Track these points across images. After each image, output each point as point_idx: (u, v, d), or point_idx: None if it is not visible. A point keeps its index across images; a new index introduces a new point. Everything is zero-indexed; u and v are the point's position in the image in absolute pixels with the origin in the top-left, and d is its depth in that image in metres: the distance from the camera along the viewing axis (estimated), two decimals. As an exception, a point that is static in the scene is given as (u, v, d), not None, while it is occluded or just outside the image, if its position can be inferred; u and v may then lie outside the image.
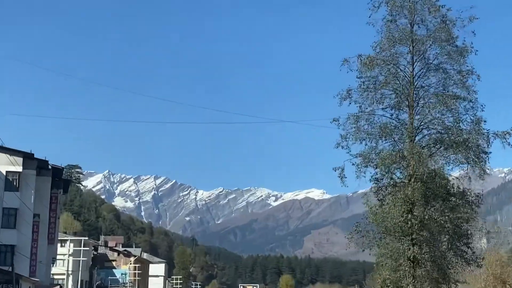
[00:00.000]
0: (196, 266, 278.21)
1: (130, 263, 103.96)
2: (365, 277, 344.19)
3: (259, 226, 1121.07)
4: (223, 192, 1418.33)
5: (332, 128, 49.65)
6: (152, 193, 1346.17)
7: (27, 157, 60.74)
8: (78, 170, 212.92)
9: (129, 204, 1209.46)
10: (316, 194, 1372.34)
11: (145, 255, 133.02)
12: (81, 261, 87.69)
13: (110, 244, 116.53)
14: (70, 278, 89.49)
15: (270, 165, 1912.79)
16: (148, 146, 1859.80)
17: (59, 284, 79.98)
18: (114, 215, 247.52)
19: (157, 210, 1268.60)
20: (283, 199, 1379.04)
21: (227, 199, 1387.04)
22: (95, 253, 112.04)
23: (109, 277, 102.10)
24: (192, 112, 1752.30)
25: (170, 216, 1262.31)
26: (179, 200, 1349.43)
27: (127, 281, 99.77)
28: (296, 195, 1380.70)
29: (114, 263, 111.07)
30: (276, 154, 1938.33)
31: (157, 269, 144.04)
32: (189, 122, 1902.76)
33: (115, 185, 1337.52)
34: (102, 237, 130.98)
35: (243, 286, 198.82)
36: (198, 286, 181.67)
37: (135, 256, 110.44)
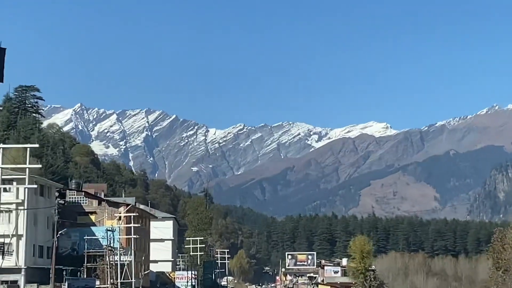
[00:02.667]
0: (213, 232, 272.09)
1: (119, 218, 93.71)
2: (465, 242, 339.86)
3: (297, 176, 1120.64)
4: (244, 130, 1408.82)
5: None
6: (144, 134, 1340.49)
7: None
8: (35, 94, 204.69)
9: (112, 150, 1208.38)
10: (376, 129, 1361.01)
11: (141, 207, 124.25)
12: (35, 213, 79.30)
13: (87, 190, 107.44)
14: (22, 242, 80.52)
15: (310, 89, 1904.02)
16: (135, 68, 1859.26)
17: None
18: (91, 160, 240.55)
19: (151, 158, 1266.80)
20: (329, 138, 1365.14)
21: (250, 139, 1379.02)
22: (62, 202, 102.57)
23: (85, 237, 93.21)
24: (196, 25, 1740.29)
25: (170, 166, 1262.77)
26: (182, 144, 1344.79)
27: (115, 244, 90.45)
28: (348, 131, 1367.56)
29: (92, 217, 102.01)
30: (317, 73, 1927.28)
31: (162, 228, 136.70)
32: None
33: (90, 125, 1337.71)
34: (72, 181, 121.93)
35: (291, 254, 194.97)
36: (226, 255, 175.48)
37: (127, 205, 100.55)
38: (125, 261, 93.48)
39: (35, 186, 68.68)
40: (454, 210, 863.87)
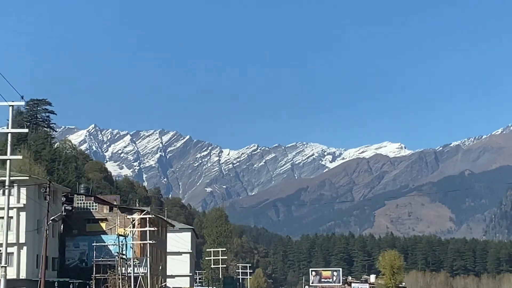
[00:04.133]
0: (228, 251, 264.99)
1: (133, 226, 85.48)
2: (485, 261, 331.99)
3: (311, 197, 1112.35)
4: (258, 150, 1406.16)
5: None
6: (158, 155, 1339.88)
7: None
8: (46, 107, 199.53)
9: (126, 171, 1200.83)
10: (390, 149, 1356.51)
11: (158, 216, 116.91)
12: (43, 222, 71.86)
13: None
14: (24, 251, 73.55)
15: (324, 110, 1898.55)
16: (149, 89, 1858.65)
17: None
18: (104, 177, 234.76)
19: (165, 179, 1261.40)
20: (343, 158, 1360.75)
21: (264, 160, 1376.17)
22: (70, 208, 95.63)
23: (94, 244, 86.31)
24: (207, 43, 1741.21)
25: (184, 187, 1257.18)
26: (195, 164, 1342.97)
27: (129, 253, 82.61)
28: (362, 151, 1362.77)
29: (103, 225, 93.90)
30: (331, 94, 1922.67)
31: (180, 240, 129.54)
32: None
33: (104, 145, 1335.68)
34: (81, 186, 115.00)
35: (315, 270, 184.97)
36: (248, 269, 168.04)
37: (142, 211, 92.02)
38: (140, 273, 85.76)
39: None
40: (469, 230, 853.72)
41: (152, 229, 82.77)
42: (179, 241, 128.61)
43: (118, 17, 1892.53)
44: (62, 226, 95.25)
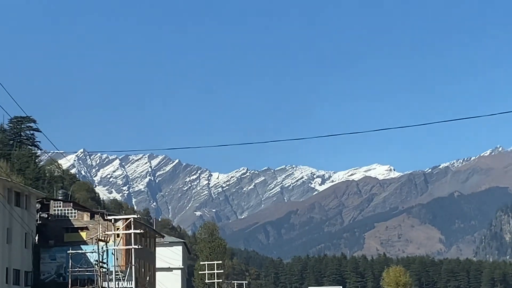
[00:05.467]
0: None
1: (117, 235, 76.15)
2: (479, 282, 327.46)
3: (301, 220, 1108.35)
4: (247, 174, 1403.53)
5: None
6: (147, 179, 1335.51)
7: None
8: (30, 125, 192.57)
9: (115, 195, 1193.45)
10: (380, 171, 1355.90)
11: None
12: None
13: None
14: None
15: (313, 133, 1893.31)
16: (139, 113, 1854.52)
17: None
18: (92, 197, 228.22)
19: (154, 203, 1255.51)
20: (332, 181, 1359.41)
21: (253, 183, 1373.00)
22: (45, 215, 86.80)
23: (69, 252, 77.21)
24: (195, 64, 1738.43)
25: (173, 211, 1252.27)
26: (185, 188, 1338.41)
27: (110, 265, 71.55)
28: (352, 174, 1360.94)
29: (83, 234, 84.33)
30: (321, 116, 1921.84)
31: (171, 254, 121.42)
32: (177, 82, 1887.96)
33: (93, 170, 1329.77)
34: (59, 192, 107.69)
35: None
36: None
37: (127, 219, 76.97)
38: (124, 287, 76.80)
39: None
40: (459, 252, 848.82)
41: (138, 231, 73.74)
42: (169, 256, 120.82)
43: (106, 39, 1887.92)
44: (36, 236, 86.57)
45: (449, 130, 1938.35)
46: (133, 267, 73.87)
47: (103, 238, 70.68)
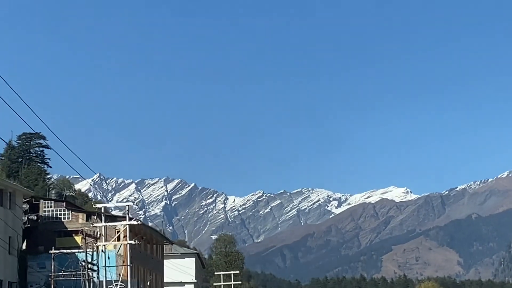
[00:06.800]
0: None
1: (117, 239, 68.01)
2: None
3: (317, 243, 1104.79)
4: (264, 197, 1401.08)
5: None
6: (163, 203, 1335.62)
7: None
8: (39, 142, 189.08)
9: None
10: (396, 194, 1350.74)
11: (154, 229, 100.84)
12: None
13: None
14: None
15: (329, 157, 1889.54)
16: (154, 138, 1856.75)
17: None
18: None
19: (170, 227, 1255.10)
20: (349, 204, 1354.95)
21: (270, 206, 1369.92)
22: (34, 217, 78.35)
23: (51, 252, 68.19)
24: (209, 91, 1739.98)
25: (189, 234, 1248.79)
26: (201, 212, 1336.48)
27: (112, 275, 65.32)
28: (368, 196, 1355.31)
29: (78, 238, 74.48)
30: (337, 139, 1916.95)
31: (182, 267, 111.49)
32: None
33: (109, 194, 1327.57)
34: (52, 192, 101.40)
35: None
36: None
37: (128, 223, 67.38)
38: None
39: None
40: (478, 274, 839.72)
41: (137, 233, 66.85)
42: (180, 268, 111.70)
43: (125, 60, 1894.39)
44: (23, 241, 77.87)
45: (466, 152, 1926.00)
46: (128, 267, 67.10)
47: (97, 237, 64.86)
